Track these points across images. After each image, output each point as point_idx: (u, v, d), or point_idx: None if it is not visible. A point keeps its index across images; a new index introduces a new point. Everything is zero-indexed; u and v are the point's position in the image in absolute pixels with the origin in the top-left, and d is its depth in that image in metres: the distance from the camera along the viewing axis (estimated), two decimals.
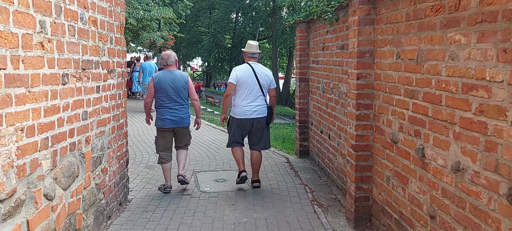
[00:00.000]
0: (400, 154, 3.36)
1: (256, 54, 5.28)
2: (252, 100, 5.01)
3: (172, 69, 5.11)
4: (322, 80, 6.02)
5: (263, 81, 5.07)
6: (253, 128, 5.14)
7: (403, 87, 3.29)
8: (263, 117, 5.13)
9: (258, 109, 5.06)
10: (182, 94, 5.05)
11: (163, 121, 5.05)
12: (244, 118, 5.07)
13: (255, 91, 5.02)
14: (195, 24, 37.85)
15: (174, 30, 21.50)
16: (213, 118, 15.25)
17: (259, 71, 5.12)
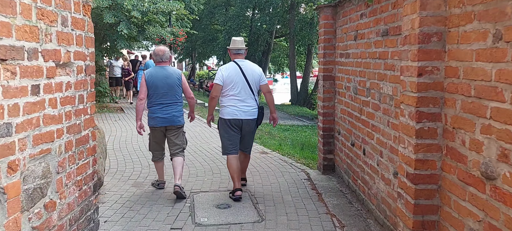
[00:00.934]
0: (501, 199, 2.04)
1: (241, 50, 4.89)
2: (241, 100, 4.68)
3: (165, 66, 4.87)
4: (354, 78, 4.71)
5: (251, 79, 4.71)
6: (243, 130, 4.79)
7: (510, 88, 1.97)
8: (253, 119, 4.78)
9: (249, 111, 4.73)
10: (176, 91, 4.82)
11: (154, 119, 4.82)
12: (233, 118, 4.71)
13: (244, 91, 4.68)
14: (210, 22, 36.75)
15: (186, 26, 20.38)
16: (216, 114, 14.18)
17: (247, 69, 4.74)
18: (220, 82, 4.69)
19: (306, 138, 13.75)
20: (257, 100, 4.87)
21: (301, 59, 33.25)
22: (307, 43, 28.18)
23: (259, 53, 34.25)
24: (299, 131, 17.35)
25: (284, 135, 14.24)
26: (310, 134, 16.13)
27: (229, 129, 4.74)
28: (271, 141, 9.95)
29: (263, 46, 34.28)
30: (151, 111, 4.84)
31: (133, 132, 9.29)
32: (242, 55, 4.90)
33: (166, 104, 4.78)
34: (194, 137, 9.05)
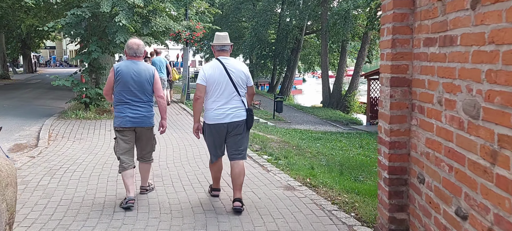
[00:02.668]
0: None
1: (226, 46, 4.41)
2: (225, 102, 4.27)
3: (137, 61, 4.48)
4: (466, 85, 2.36)
5: (237, 79, 4.28)
6: (229, 135, 4.34)
7: None
8: (240, 120, 4.32)
9: (234, 112, 4.29)
10: (146, 90, 4.48)
11: (122, 118, 4.42)
12: (216, 122, 4.28)
13: (228, 91, 4.26)
14: (237, 19, 34.69)
15: (207, 21, 18.29)
16: None
17: (232, 67, 4.30)
18: (203, 82, 4.28)
19: (343, 152, 11.35)
20: (245, 102, 4.39)
21: (333, 57, 30.65)
22: (341, 39, 25.60)
23: (287, 51, 31.89)
24: (333, 139, 14.94)
25: (315, 147, 11.88)
26: (346, 145, 13.70)
27: (214, 135, 4.37)
28: (300, 161, 7.65)
29: (292, 43, 31.90)
30: (118, 110, 4.46)
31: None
32: (227, 53, 4.43)
33: (136, 104, 4.45)
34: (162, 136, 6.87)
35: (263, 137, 9.82)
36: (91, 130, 9.13)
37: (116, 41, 9.69)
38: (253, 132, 10.39)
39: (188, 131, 9.33)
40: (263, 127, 14.70)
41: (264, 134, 10.44)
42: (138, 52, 4.46)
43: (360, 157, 10.88)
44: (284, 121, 20.26)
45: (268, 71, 36.03)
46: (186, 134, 8.97)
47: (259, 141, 9.17)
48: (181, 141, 8.25)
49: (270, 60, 33.75)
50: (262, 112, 21.23)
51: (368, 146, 13.60)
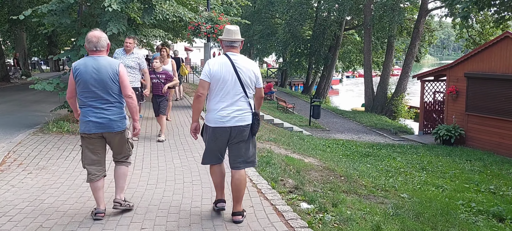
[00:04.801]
0: None
1: (236, 42, 4.02)
2: (231, 103, 3.92)
3: (97, 56, 3.96)
4: None
5: (245, 78, 3.93)
6: (232, 140, 3.97)
7: None
8: (245, 124, 3.95)
9: (239, 115, 3.93)
10: (111, 88, 3.95)
11: (86, 124, 3.97)
12: (219, 126, 3.94)
13: (234, 91, 3.91)
14: (270, 14, 32.08)
15: (233, 13, 15.79)
16: (275, 136, 9.03)
17: (241, 65, 3.93)
18: (207, 79, 3.90)
19: (406, 180, 8.55)
20: (252, 104, 4.00)
21: (376, 56, 27.48)
22: (387, 34, 22.48)
23: (325, 49, 28.97)
24: (385, 156, 12.05)
25: (366, 170, 9.12)
26: (404, 165, 10.81)
27: (213, 140, 4.00)
28: (357, 210, 5.01)
29: (330, 40, 28.95)
30: (82, 114, 4.00)
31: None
32: (236, 49, 4.03)
33: (100, 106, 3.94)
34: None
35: (300, 162, 7.18)
36: (68, 151, 6.78)
37: (107, 32, 7.23)
38: (286, 154, 7.76)
39: (196, 154, 6.83)
40: (298, 140, 12.03)
41: (301, 157, 7.80)
42: (98, 45, 3.95)
43: (432, 189, 8.04)
44: (321, 128, 17.50)
45: (303, 70, 33.21)
46: (192, 162, 6.49)
47: (294, 170, 6.55)
48: (180, 174, 5.75)
49: (305, 59, 30.92)
50: (296, 118, 18.54)
51: (433, 167, 10.67)
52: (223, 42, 4.07)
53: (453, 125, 15.20)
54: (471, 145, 14.80)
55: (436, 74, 17.23)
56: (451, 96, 15.68)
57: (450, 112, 15.85)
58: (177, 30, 14.96)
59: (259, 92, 4.14)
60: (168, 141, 7.69)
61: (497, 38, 14.27)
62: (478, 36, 23.16)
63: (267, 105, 21.04)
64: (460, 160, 11.98)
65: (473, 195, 7.91)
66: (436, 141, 15.47)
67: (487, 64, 14.40)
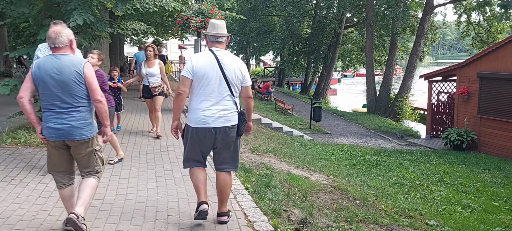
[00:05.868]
0: None
1: (222, 37, 3.79)
2: (215, 102, 3.69)
3: (60, 54, 3.48)
4: None
5: (231, 76, 3.70)
6: (217, 142, 3.74)
7: None
8: (231, 125, 3.73)
9: (224, 115, 3.70)
10: (74, 91, 3.48)
11: (46, 130, 3.52)
12: (202, 126, 3.70)
13: (219, 89, 3.69)
14: (267, 11, 30.88)
15: (227, 6, 14.61)
16: (274, 144, 7.76)
17: (226, 62, 3.71)
18: (189, 75, 3.66)
19: (425, 198, 7.44)
20: (237, 104, 3.78)
21: (377, 55, 26.33)
22: (391, 32, 21.33)
23: (324, 47, 27.79)
24: (395, 165, 10.91)
25: (379, 186, 7.98)
26: (418, 177, 9.67)
27: (195, 142, 3.76)
28: None
29: (329, 37, 27.77)
30: (43, 118, 3.55)
31: None
32: (222, 44, 3.80)
33: (60, 110, 3.47)
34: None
35: (305, 181, 6.01)
36: (17, 170, 5.52)
37: (70, 23, 5.96)
38: (288, 170, 6.58)
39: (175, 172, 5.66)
40: (299, 147, 10.86)
41: (306, 174, 6.62)
42: (57, 42, 3.45)
43: (459, 210, 6.91)
44: (323, 131, 16.35)
45: (301, 69, 32.02)
46: (169, 181, 5.32)
47: (299, 194, 5.38)
48: (152, 195, 4.59)
49: (303, 57, 29.73)
50: (296, 120, 17.38)
51: (451, 179, 9.54)
52: (207, 37, 3.83)
53: (465, 128, 14.10)
54: (485, 150, 13.70)
55: (444, 74, 16.13)
56: (462, 98, 14.58)
57: (460, 115, 14.75)
58: (167, 25, 13.74)
59: (246, 91, 3.88)
60: (147, 150, 6.51)
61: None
62: (485, 34, 22.08)
63: (265, 106, 19.87)
64: (477, 169, 10.88)
65: (507, 217, 6.78)
66: (446, 146, 14.36)
67: (503, 64, 13.30)
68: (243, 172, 5.76)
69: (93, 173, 3.73)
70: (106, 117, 3.67)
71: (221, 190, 3.87)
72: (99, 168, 3.76)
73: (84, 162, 3.69)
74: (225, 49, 3.82)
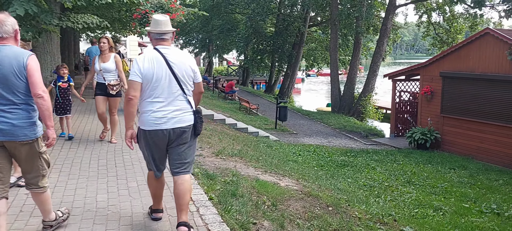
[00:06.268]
0: None
1: (166, 34, 3.62)
2: (167, 103, 3.49)
3: (2, 45, 3.19)
4: None
5: (181, 74, 3.52)
6: (171, 144, 3.54)
7: None
8: (186, 126, 3.54)
9: (178, 116, 3.51)
10: (15, 87, 3.17)
11: None
12: (154, 129, 3.47)
13: (170, 89, 3.50)
14: (229, 8, 30.33)
15: (188, 3, 13.96)
16: (240, 147, 7.27)
17: (174, 60, 3.52)
18: (137, 79, 3.43)
19: (395, 199, 7.20)
20: (192, 102, 3.62)
21: (341, 54, 26.34)
22: (354, 31, 21.32)
23: (288, 46, 27.56)
24: (362, 165, 10.70)
25: (348, 187, 7.69)
26: (386, 177, 9.47)
27: (152, 145, 3.54)
28: None
29: (294, 36, 27.58)
30: None
31: None
32: (167, 41, 3.61)
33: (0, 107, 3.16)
34: None
35: (275, 188, 5.56)
36: None
37: (10, 14, 5.26)
38: (256, 175, 6.12)
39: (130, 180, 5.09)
40: (266, 148, 10.44)
41: (275, 179, 6.18)
42: (1, 31, 3.15)
43: (431, 214, 6.68)
44: (289, 131, 16.02)
45: (266, 68, 31.71)
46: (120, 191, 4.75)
47: (269, 202, 4.93)
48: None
49: (268, 56, 29.41)
50: (261, 120, 16.97)
51: (419, 179, 9.40)
52: (151, 35, 3.63)
53: (428, 127, 14.15)
54: (448, 149, 13.80)
55: (408, 73, 16.18)
56: (426, 97, 14.64)
57: (424, 114, 14.81)
58: (125, 21, 12.95)
59: (198, 87, 3.75)
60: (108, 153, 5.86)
61: (476, 34, 13.30)
62: (445, 34, 22.52)
63: (229, 106, 19.36)
64: (443, 169, 10.85)
65: (479, 220, 6.62)
66: (410, 145, 14.37)
67: (465, 63, 13.41)
68: (207, 180, 5.25)
69: (38, 180, 3.40)
70: (49, 115, 3.26)
71: (181, 195, 3.59)
72: (44, 171, 3.43)
73: (28, 166, 3.36)
74: (171, 45, 3.63)
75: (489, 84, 12.55)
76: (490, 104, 12.55)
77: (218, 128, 11.00)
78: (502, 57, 12.11)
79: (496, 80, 12.31)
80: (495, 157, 12.28)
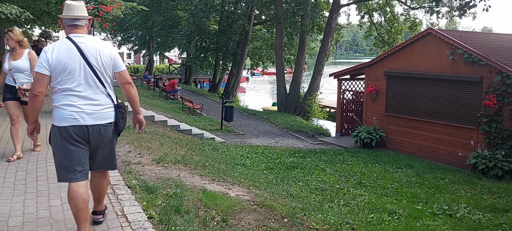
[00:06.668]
0: None
1: (80, 21, 3.27)
2: (85, 96, 3.15)
3: None
4: None
5: (98, 64, 3.19)
6: (91, 142, 3.19)
7: None
8: (106, 123, 3.22)
9: (97, 112, 3.18)
10: None
11: None
12: (72, 125, 3.11)
13: (86, 81, 3.16)
14: (171, 5, 29.21)
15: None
16: (184, 152, 6.55)
17: (89, 49, 3.18)
18: (44, 71, 3.08)
19: (349, 204, 6.88)
20: (112, 96, 3.28)
21: (286, 52, 26.22)
22: (299, 30, 21.19)
23: (233, 44, 27.02)
24: (311, 166, 10.39)
25: (300, 192, 7.28)
26: (336, 179, 9.20)
27: (67, 143, 3.11)
28: None
29: (238, 34, 27.09)
30: None
31: None
32: (82, 28, 3.26)
33: None
34: None
35: (224, 200, 4.97)
36: None
37: None
38: (202, 186, 5.49)
39: None
40: (211, 151, 9.80)
41: (224, 189, 5.58)
42: None
43: (387, 219, 6.41)
44: (235, 132, 15.47)
45: (210, 66, 30.94)
46: None
47: (218, 218, 4.34)
48: None
49: (211, 54, 28.67)
50: (206, 121, 16.26)
51: (369, 180, 9.22)
52: (63, 22, 3.31)
53: (374, 126, 14.22)
54: (392, 148, 13.93)
55: (353, 73, 16.22)
56: (371, 96, 14.71)
57: (369, 113, 14.88)
58: (54, 14, 11.74)
59: (121, 77, 3.33)
60: None
61: (419, 34, 13.51)
62: (386, 35, 23.06)
63: (171, 106, 18.44)
64: (391, 168, 10.81)
65: (434, 223, 6.44)
66: (356, 144, 14.36)
67: (408, 62, 13.58)
68: (146, 194, 4.56)
69: None
70: None
71: (97, 188, 3.55)
72: None
73: None
74: (87, 34, 3.29)
75: (431, 84, 12.77)
76: (432, 103, 12.77)
77: (159, 130, 10.20)
78: (444, 57, 12.34)
79: (438, 79, 12.54)
80: (437, 155, 12.51)
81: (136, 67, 47.03)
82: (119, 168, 5.47)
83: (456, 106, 12.11)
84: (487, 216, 7.01)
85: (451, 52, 12.00)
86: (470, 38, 13.12)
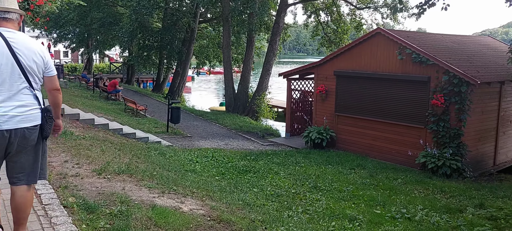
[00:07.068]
0: None
1: (10, 13, 3.01)
2: (8, 97, 2.93)
3: None
4: None
5: (28, 63, 2.98)
6: (11, 148, 2.96)
7: None
8: (32, 126, 3.01)
9: (22, 113, 2.96)
10: None
11: None
12: None
13: (13, 80, 2.94)
14: (111, 1, 27.72)
15: None
16: (128, 159, 5.88)
17: (20, 46, 2.96)
18: None
19: (308, 211, 6.53)
20: (40, 98, 3.09)
21: (234, 51, 25.73)
22: (247, 29, 20.78)
23: (178, 42, 26.09)
24: (264, 169, 9.99)
25: (256, 199, 6.83)
26: (291, 183, 8.84)
27: None
28: None
29: (183, 32, 26.19)
30: None
31: None
32: (13, 23, 3.02)
33: None
34: None
35: (176, 216, 4.38)
36: None
37: None
38: (151, 200, 4.85)
39: None
40: (158, 157, 9.10)
41: (176, 203, 4.98)
42: None
43: (348, 226, 6.12)
44: (182, 134, 14.75)
45: (153, 65, 29.71)
46: None
47: None
48: None
49: (155, 52, 27.52)
50: (150, 123, 15.38)
51: (324, 184, 8.96)
52: None
53: (324, 126, 14.11)
54: (343, 148, 13.89)
55: (303, 72, 16.06)
56: (320, 96, 14.60)
57: (319, 113, 14.77)
58: None
59: (51, 82, 3.14)
60: None
61: (368, 34, 13.55)
62: (332, 34, 23.25)
63: (112, 107, 17.32)
64: (344, 170, 10.67)
65: (394, 229, 6.24)
66: (307, 144, 14.18)
67: (357, 62, 13.58)
68: (86, 214, 3.88)
69: None
70: None
71: (18, 209, 3.09)
72: None
73: None
74: (18, 30, 3.05)
75: (380, 83, 12.83)
76: (381, 103, 12.83)
77: (100, 135, 9.33)
78: (392, 57, 12.44)
79: (387, 79, 12.62)
80: (387, 155, 12.59)
81: (74, 66, 44.47)
82: (53, 183, 4.71)
83: (404, 105, 12.24)
84: (444, 218, 6.95)
85: (400, 52, 12.11)
86: (417, 38, 13.34)
